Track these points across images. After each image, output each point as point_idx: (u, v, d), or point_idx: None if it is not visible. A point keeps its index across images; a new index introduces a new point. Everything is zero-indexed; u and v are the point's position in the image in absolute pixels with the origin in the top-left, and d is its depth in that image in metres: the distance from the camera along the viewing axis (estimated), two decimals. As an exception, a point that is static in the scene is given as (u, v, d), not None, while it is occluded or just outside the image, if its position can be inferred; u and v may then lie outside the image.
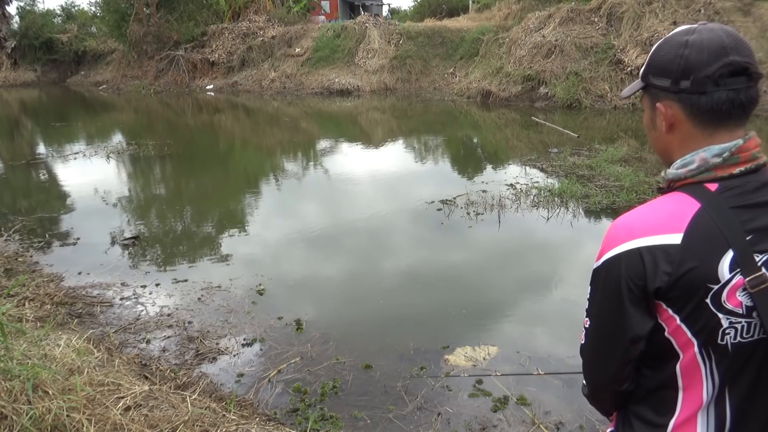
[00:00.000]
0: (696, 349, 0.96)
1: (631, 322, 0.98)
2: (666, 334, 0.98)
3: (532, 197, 6.42)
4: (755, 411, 1.00)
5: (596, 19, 14.59)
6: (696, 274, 0.92)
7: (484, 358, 3.33)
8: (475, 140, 11.54)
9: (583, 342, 1.10)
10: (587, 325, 1.08)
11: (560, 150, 8.65)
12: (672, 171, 1.03)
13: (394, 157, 9.92)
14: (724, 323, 0.94)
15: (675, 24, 13.06)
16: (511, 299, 4.25)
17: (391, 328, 3.76)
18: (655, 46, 1.04)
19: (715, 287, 0.93)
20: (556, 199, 6.28)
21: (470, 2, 25.33)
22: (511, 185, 6.97)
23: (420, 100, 16.60)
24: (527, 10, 17.29)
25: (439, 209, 6.21)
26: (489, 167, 8.71)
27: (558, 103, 13.51)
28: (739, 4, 13.16)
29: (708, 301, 0.93)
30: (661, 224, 0.95)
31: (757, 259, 0.93)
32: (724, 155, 0.96)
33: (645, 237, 0.94)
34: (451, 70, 17.95)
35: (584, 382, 1.15)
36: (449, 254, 5.11)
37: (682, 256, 0.92)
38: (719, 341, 0.95)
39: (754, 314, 0.94)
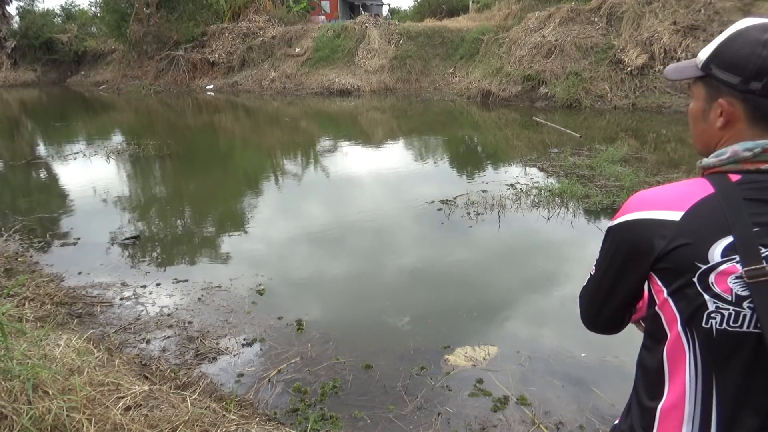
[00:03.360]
0: (679, 327, 0.98)
1: (621, 281, 1.07)
2: (656, 308, 1.03)
3: (532, 197, 6.42)
4: (747, 402, 0.98)
5: (596, 19, 14.59)
6: (685, 251, 0.95)
7: (484, 358, 3.33)
8: (475, 140, 11.53)
9: (585, 285, 1.19)
10: (592, 273, 1.16)
11: (560, 150, 8.64)
12: (707, 160, 1.05)
13: (394, 157, 9.91)
14: (710, 306, 0.95)
15: (675, 24, 13.06)
16: (511, 299, 4.25)
17: (391, 328, 3.76)
18: (724, 37, 1.00)
19: (703, 267, 0.94)
20: (556, 199, 6.28)
21: (470, 2, 25.33)
22: (512, 185, 6.97)
23: (420, 100, 16.60)
24: (527, 10, 17.29)
25: (440, 209, 6.21)
26: (489, 167, 8.71)
27: (558, 103, 13.50)
28: (739, 4, 13.14)
29: (695, 279, 0.95)
30: (668, 202, 1.00)
31: (761, 251, 0.93)
32: (756, 150, 0.96)
33: (650, 210, 1.00)
34: (451, 70, 17.94)
35: None
36: (449, 254, 5.10)
37: (675, 233, 0.96)
38: (703, 324, 0.96)
39: (745, 304, 0.93)
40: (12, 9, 28.77)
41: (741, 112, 0.99)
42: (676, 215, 0.97)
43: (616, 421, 1.20)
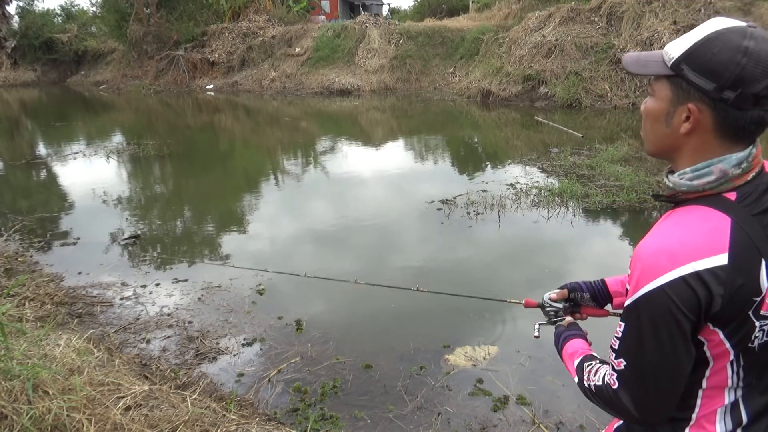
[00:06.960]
0: (732, 356, 0.96)
1: (684, 353, 0.93)
2: (705, 348, 0.96)
3: (532, 197, 6.42)
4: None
5: (596, 19, 14.59)
6: (744, 291, 0.90)
7: (484, 358, 3.33)
8: (475, 140, 11.53)
9: (616, 386, 1.00)
10: (622, 367, 0.98)
11: (560, 150, 8.64)
12: (684, 182, 0.97)
13: (394, 157, 9.91)
14: (757, 327, 0.94)
15: (675, 24, 13.04)
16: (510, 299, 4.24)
17: (391, 327, 3.76)
18: (700, 37, 0.92)
19: (758, 299, 0.92)
20: (556, 198, 6.28)
21: (470, 2, 25.32)
22: (512, 185, 6.97)
23: (420, 100, 16.59)
24: (527, 10, 17.29)
25: (440, 209, 6.21)
26: (489, 167, 8.71)
27: (558, 102, 13.50)
28: (739, 3, 13.15)
29: (750, 312, 0.92)
30: (703, 246, 0.89)
31: None
32: (744, 166, 0.93)
33: (691, 262, 0.89)
34: (451, 70, 17.94)
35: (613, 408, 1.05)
36: (449, 254, 5.10)
37: (731, 276, 0.88)
38: (749, 344, 0.95)
39: None
40: (12, 9, 28.83)
41: (709, 120, 0.92)
42: (722, 258, 0.88)
43: (617, 424, 1.18)
